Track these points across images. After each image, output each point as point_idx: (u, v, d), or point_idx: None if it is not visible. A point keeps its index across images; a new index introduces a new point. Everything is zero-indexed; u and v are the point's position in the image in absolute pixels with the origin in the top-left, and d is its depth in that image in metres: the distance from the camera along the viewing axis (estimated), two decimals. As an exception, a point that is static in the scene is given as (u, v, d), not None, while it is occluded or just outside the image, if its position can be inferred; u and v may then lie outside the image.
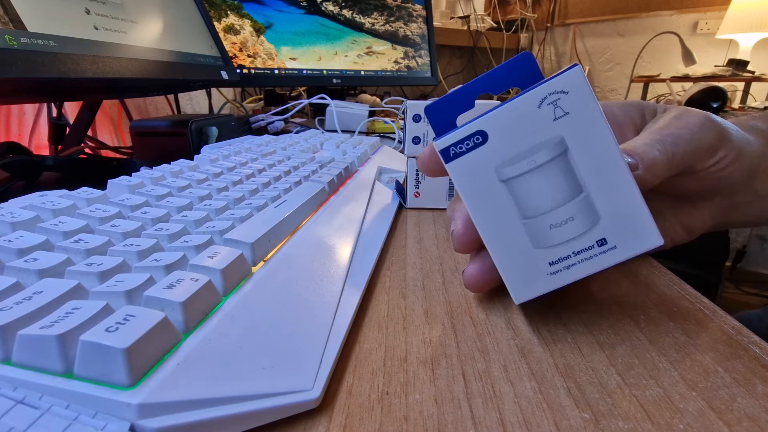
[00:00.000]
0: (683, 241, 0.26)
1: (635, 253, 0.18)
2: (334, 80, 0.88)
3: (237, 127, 0.59)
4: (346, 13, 0.92)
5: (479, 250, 0.22)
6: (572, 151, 0.18)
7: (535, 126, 0.18)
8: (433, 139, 0.20)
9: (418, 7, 1.08)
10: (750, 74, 1.55)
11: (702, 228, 0.26)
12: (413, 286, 0.24)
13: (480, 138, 0.18)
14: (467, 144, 0.18)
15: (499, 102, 0.21)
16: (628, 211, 0.18)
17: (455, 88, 0.21)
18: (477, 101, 0.21)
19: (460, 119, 0.21)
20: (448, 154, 0.18)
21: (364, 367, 0.17)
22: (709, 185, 0.24)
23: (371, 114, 0.78)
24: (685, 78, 1.62)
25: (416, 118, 0.35)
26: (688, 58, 1.64)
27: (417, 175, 0.36)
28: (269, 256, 0.22)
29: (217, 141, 0.51)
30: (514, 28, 2.08)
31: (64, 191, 0.24)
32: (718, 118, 0.24)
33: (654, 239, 0.18)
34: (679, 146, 0.22)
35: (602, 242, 0.18)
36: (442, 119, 0.21)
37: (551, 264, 0.19)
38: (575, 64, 0.18)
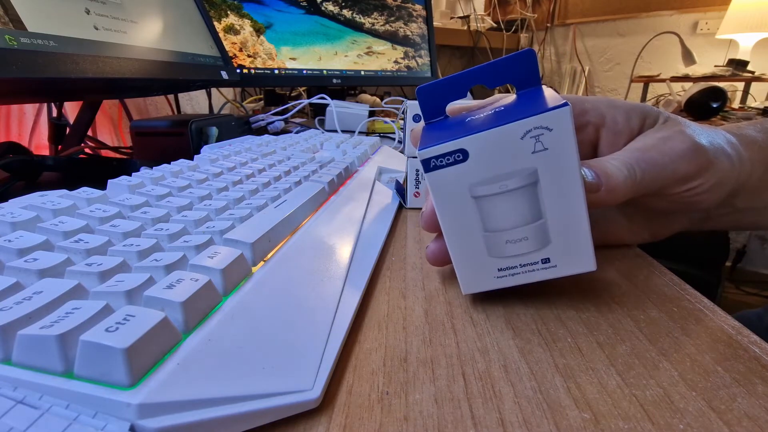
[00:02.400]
0: (646, 242, 0.28)
1: (570, 273, 0.21)
2: (334, 80, 0.88)
3: (237, 127, 0.59)
4: (346, 13, 0.92)
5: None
6: (542, 184, 0.19)
7: (514, 154, 0.18)
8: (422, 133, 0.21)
9: (418, 7, 1.08)
10: (750, 74, 1.55)
11: (669, 234, 0.28)
12: (413, 286, 0.24)
13: (461, 156, 0.19)
14: (448, 159, 0.19)
15: (482, 110, 0.22)
16: (575, 240, 0.20)
17: (451, 75, 0.21)
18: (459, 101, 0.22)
19: (449, 107, 0.22)
20: (429, 165, 0.19)
21: (364, 367, 0.17)
22: (679, 206, 0.25)
23: (371, 114, 0.78)
24: (685, 78, 1.62)
25: (416, 118, 0.35)
26: (688, 58, 1.64)
27: (417, 175, 0.36)
28: (269, 256, 0.22)
29: (217, 141, 0.51)
30: (514, 28, 2.08)
31: (64, 191, 0.24)
32: (707, 143, 0.23)
33: (589, 266, 0.20)
34: (650, 172, 0.22)
35: (546, 261, 0.20)
36: (432, 103, 0.22)
37: (499, 270, 0.21)
38: (566, 103, 0.18)
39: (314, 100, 0.73)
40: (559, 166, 0.18)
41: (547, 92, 0.20)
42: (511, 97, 0.22)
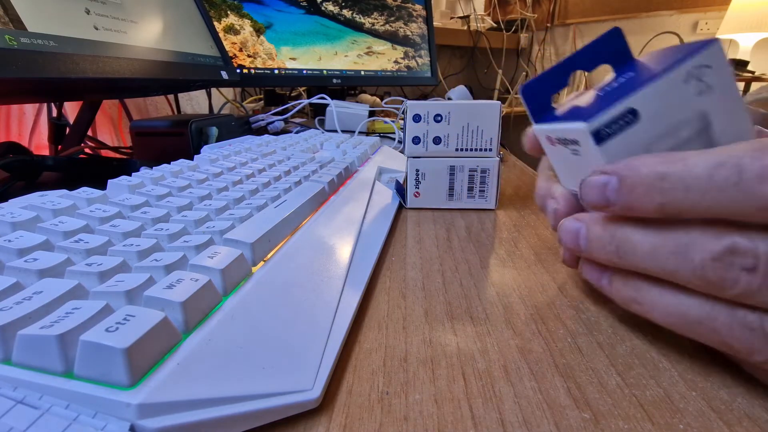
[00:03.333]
0: None
1: None
2: (334, 80, 0.88)
3: (237, 127, 0.59)
4: (346, 13, 0.92)
5: None
6: (714, 125, 0.17)
7: (682, 101, 0.17)
8: (535, 120, 0.20)
9: (418, 7, 1.08)
10: (750, 74, 1.55)
11: None
12: (413, 286, 0.24)
13: (631, 116, 0.17)
14: (619, 123, 0.17)
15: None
16: None
17: (549, 68, 0.21)
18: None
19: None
20: (599, 136, 0.17)
21: (364, 367, 0.17)
22: None
23: (371, 114, 0.78)
24: (685, 78, 1.61)
25: (416, 118, 0.35)
26: (688, 58, 1.64)
27: (417, 175, 0.36)
28: (269, 256, 0.22)
29: (217, 141, 0.51)
30: (514, 28, 2.08)
31: (64, 191, 0.24)
32: None
33: None
34: None
35: None
36: (537, 99, 0.21)
37: None
38: (713, 39, 0.17)
39: (314, 100, 0.73)
40: (726, 101, 0.17)
41: (653, 57, 0.19)
42: (609, 77, 0.21)
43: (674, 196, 0.14)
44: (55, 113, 0.56)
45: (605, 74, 0.21)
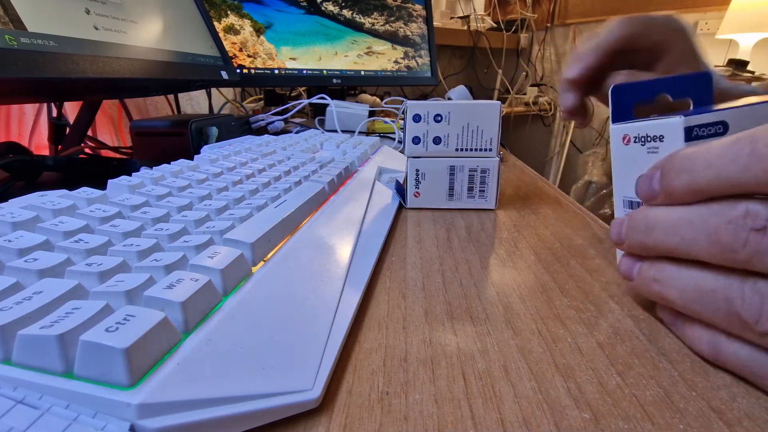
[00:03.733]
0: None
1: None
2: (334, 80, 0.88)
3: (237, 127, 0.59)
4: (346, 13, 0.92)
5: None
6: None
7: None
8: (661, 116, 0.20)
9: (418, 7, 1.08)
10: (750, 74, 1.55)
11: None
12: (413, 286, 0.24)
13: (721, 128, 0.18)
14: (709, 130, 0.18)
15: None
16: None
17: (643, 80, 0.22)
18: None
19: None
20: (691, 134, 0.19)
21: (364, 367, 0.17)
22: None
23: (371, 114, 0.78)
24: (685, 78, 1.61)
25: (416, 118, 0.35)
26: (688, 58, 1.64)
27: (417, 175, 0.36)
28: (269, 256, 0.22)
29: (217, 141, 0.51)
30: (514, 28, 2.08)
31: (64, 191, 0.24)
32: None
33: None
34: None
35: None
36: (622, 102, 0.22)
37: None
38: None
39: (314, 100, 0.73)
40: None
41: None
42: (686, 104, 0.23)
43: (698, 173, 0.15)
44: (55, 113, 0.56)
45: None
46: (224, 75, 0.54)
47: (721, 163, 0.15)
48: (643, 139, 0.20)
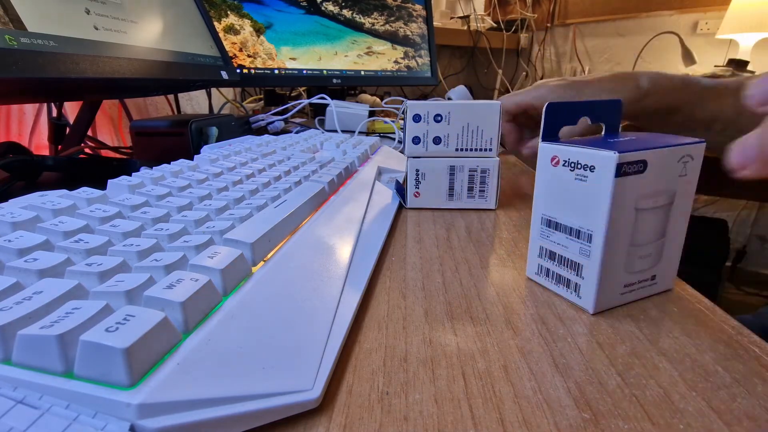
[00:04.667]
0: None
1: (658, 292, 0.23)
2: (334, 80, 0.88)
3: (237, 127, 0.59)
4: (346, 13, 0.92)
5: None
6: (675, 204, 0.21)
7: (670, 175, 0.21)
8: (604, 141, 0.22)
9: (418, 7, 1.08)
10: (750, 74, 1.55)
11: None
12: (413, 286, 0.24)
13: (642, 166, 0.20)
14: (633, 167, 0.20)
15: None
16: (674, 259, 0.23)
17: (573, 102, 0.23)
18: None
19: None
20: (620, 171, 0.19)
21: (364, 367, 0.17)
22: None
23: (371, 114, 0.78)
24: (685, 78, 1.61)
25: (416, 118, 0.35)
26: (688, 58, 1.64)
27: (417, 175, 0.36)
28: (269, 256, 0.22)
29: (217, 141, 0.51)
30: (514, 28, 2.08)
31: (64, 191, 0.24)
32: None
33: (671, 284, 0.23)
34: None
35: (653, 278, 0.22)
36: (554, 121, 0.23)
37: (624, 286, 0.21)
38: (702, 140, 0.21)
39: (314, 100, 0.73)
40: (689, 191, 0.21)
41: (631, 135, 0.23)
42: (599, 133, 0.25)
43: None
44: (55, 113, 0.56)
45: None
46: (224, 75, 0.54)
47: None
48: (572, 165, 0.21)
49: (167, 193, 0.27)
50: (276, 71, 0.78)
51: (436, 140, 0.36)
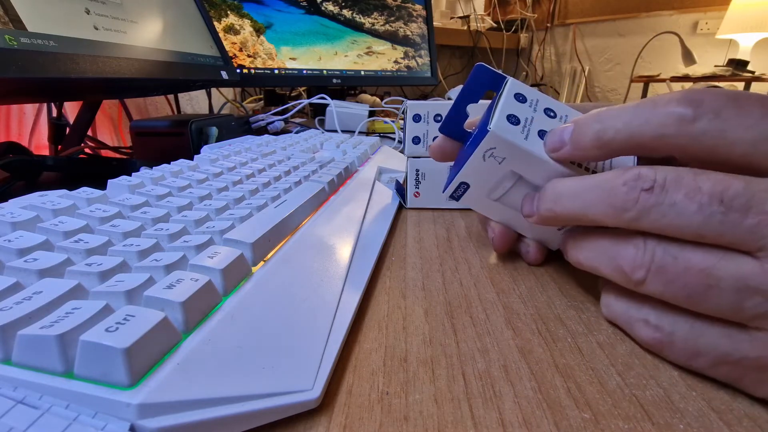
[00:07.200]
0: None
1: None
2: (334, 80, 0.88)
3: (237, 127, 0.59)
4: (346, 13, 0.92)
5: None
6: (525, 176, 0.22)
7: (491, 169, 0.23)
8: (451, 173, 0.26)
9: (418, 7, 1.08)
10: (750, 74, 1.55)
11: None
12: (413, 286, 0.24)
13: (466, 186, 0.24)
14: (460, 191, 0.25)
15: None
16: None
17: (450, 108, 0.26)
18: (482, 101, 0.26)
19: (467, 124, 0.26)
20: (456, 197, 0.25)
21: (364, 367, 0.17)
22: None
23: (371, 114, 0.78)
24: (685, 78, 1.62)
25: (416, 118, 0.35)
26: (688, 58, 1.64)
27: (417, 175, 0.36)
28: (269, 256, 0.22)
29: (217, 141, 0.51)
30: (514, 28, 2.08)
31: (64, 191, 0.24)
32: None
33: None
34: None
35: None
36: (452, 132, 0.26)
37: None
38: (488, 129, 0.21)
39: (314, 100, 0.73)
40: (523, 160, 0.22)
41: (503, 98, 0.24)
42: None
43: (606, 123, 0.18)
44: (55, 113, 0.56)
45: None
46: (224, 75, 0.54)
47: (628, 117, 0.17)
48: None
49: (167, 193, 0.27)
50: (276, 71, 0.78)
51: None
